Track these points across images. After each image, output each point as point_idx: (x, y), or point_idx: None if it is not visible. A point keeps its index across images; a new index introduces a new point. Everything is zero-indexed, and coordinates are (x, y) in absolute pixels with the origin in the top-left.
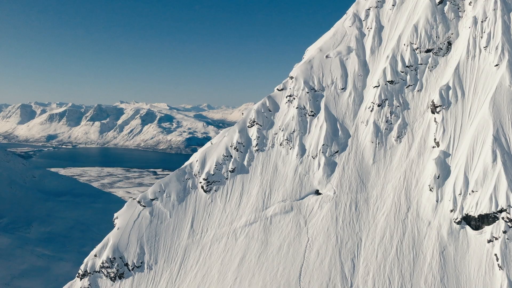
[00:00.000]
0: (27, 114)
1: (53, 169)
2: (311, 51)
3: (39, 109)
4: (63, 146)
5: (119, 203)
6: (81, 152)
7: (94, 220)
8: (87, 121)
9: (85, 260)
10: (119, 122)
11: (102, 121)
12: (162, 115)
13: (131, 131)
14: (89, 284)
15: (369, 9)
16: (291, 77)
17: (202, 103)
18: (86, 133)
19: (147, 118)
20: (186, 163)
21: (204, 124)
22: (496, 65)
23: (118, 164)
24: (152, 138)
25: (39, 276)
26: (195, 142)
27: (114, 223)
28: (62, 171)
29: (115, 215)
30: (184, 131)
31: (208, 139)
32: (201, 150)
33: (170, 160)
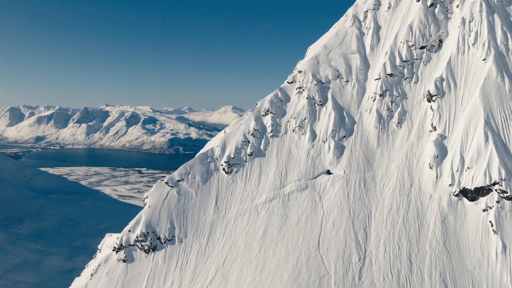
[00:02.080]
0: (16, 116)
1: (42, 169)
2: (315, 48)
3: (27, 112)
4: (51, 147)
5: (107, 200)
6: (68, 152)
7: (83, 216)
8: (74, 123)
9: (120, 235)
10: (105, 124)
11: (89, 123)
12: (146, 117)
13: (116, 132)
14: (125, 256)
15: (367, 11)
16: (300, 71)
17: (183, 106)
18: (73, 134)
19: (132, 120)
20: (206, 149)
21: (186, 125)
22: (484, 59)
23: (105, 164)
24: (136, 139)
25: (31, 270)
26: (177, 143)
27: (144, 202)
28: (51, 171)
29: (145, 194)
30: (167, 132)
31: (190, 139)
32: (219, 137)
33: (154, 159)
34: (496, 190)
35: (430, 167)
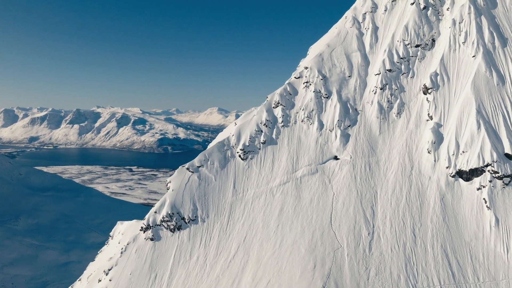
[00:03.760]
0: (10, 118)
1: (36, 168)
2: (319, 47)
3: (21, 113)
4: (45, 147)
5: (100, 197)
6: (61, 152)
7: (77, 212)
8: (67, 124)
9: (146, 216)
10: (97, 125)
11: (81, 124)
12: (136, 118)
13: (107, 133)
14: (152, 235)
15: (365, 13)
16: (306, 67)
17: (171, 108)
18: (66, 135)
19: (122, 121)
20: (221, 138)
21: (174, 126)
22: (473, 56)
23: (97, 163)
24: (127, 139)
25: (27, 264)
26: (166, 142)
27: (167, 186)
28: (45, 169)
29: (168, 179)
30: (156, 133)
31: (178, 139)
32: (232, 128)
33: (144, 158)
34: (488, 171)
35: (428, 152)
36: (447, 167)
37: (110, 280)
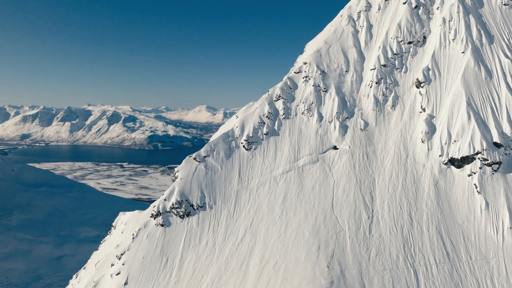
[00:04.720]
0: (1, 115)
1: (29, 164)
2: (317, 43)
3: (13, 111)
4: (37, 144)
5: (92, 192)
6: (53, 149)
7: (70, 207)
8: (58, 121)
9: (156, 203)
10: (88, 122)
11: (72, 122)
12: (127, 116)
13: (98, 130)
14: (163, 221)
15: (360, 12)
16: (305, 63)
17: (161, 106)
18: (57, 132)
19: (113, 118)
20: (226, 130)
21: (164, 123)
22: (463, 52)
23: (88, 159)
24: (118, 136)
25: (21, 258)
26: (156, 139)
27: (176, 175)
28: (37, 166)
29: (176, 169)
30: (146, 130)
31: (168, 136)
32: (235, 121)
33: (135, 155)
34: (478, 158)
35: (422, 142)
36: (440, 155)
37: (123, 264)
